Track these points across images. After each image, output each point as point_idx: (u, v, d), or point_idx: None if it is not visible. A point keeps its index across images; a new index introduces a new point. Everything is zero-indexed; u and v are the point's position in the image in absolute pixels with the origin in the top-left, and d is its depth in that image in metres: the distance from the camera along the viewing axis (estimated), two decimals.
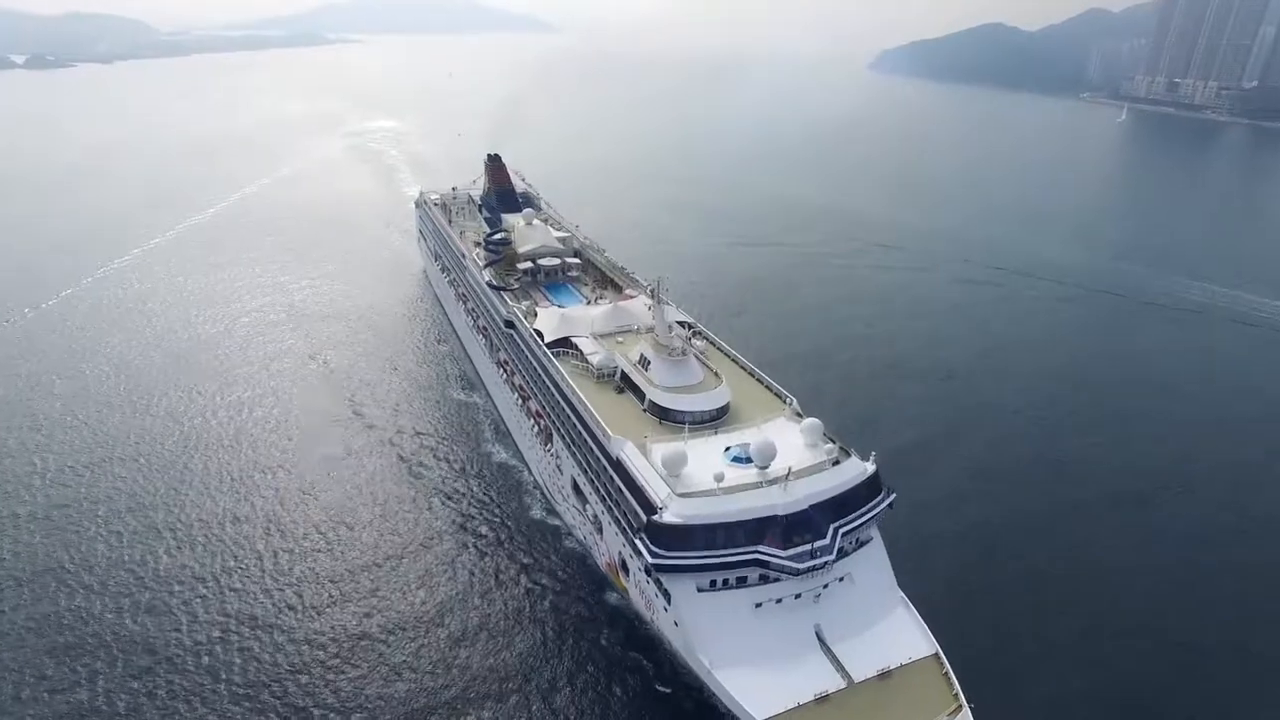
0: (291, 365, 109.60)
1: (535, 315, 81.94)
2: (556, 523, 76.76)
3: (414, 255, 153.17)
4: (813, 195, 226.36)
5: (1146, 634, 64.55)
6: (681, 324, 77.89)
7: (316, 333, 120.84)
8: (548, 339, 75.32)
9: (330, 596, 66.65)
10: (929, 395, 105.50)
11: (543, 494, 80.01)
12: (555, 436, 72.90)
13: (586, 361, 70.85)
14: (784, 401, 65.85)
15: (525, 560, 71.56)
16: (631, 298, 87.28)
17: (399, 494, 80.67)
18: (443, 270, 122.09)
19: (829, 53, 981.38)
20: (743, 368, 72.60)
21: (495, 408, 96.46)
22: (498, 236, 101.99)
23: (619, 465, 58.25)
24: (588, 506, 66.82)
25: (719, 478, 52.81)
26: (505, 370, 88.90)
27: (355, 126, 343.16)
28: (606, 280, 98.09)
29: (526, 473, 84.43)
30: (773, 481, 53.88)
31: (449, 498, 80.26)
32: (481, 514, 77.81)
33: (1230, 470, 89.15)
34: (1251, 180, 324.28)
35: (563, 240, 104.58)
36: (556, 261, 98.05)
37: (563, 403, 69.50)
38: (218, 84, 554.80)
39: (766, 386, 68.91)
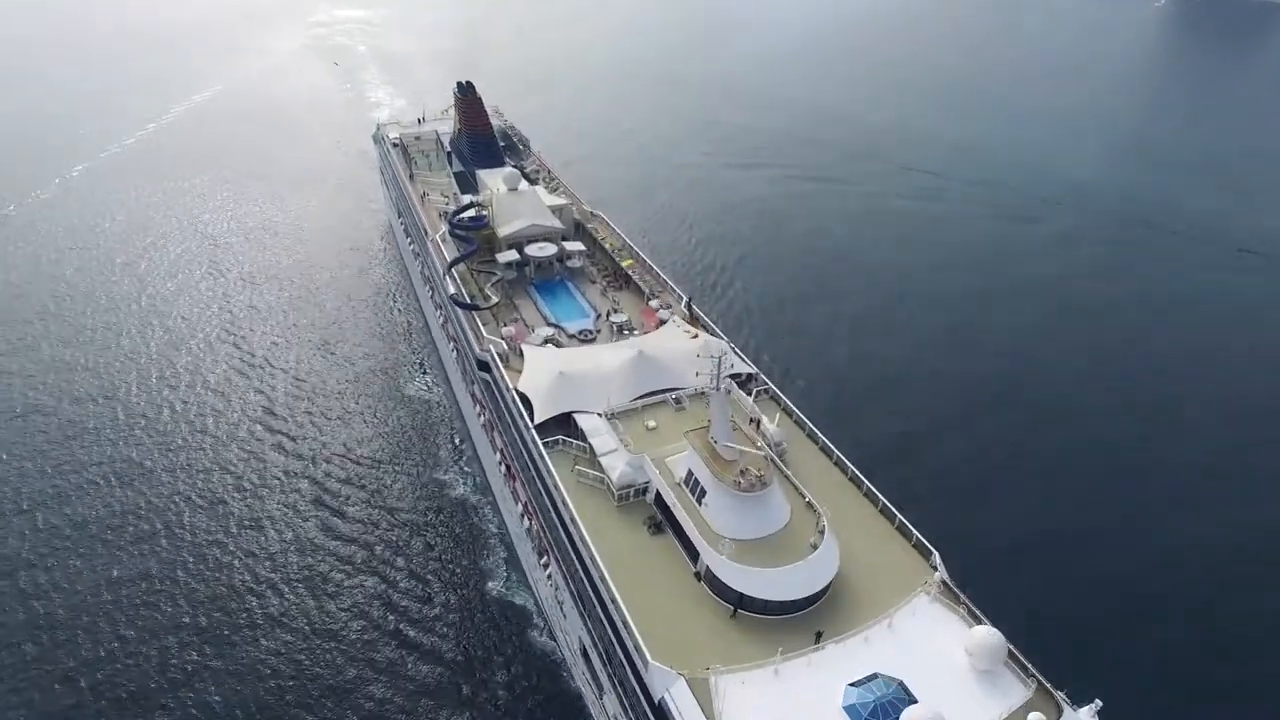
0: (196, 348, 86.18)
1: (520, 355, 56.23)
2: (523, 602, 57.23)
3: (377, 190, 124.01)
4: (855, 110, 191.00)
5: None
6: (738, 379, 52.48)
7: (239, 299, 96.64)
8: (539, 415, 49.74)
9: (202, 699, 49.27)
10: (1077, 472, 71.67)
11: (507, 551, 61.35)
12: (555, 568, 48.87)
13: (601, 469, 45.60)
14: (923, 556, 41.17)
15: (480, 661, 52.91)
16: (660, 318, 61.12)
17: (308, 554, 61.06)
18: (406, 234, 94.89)
19: None
20: (837, 464, 47.50)
21: (460, 416, 74.65)
22: (469, 214, 74.35)
23: (663, 716, 34.28)
24: (605, 698, 43.49)
25: None
26: (481, 410, 63.91)
27: (323, 16, 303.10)
28: (620, 275, 71.46)
29: (490, 519, 64.64)
30: None
31: (376, 570, 59.83)
32: (422, 586, 58.68)
33: None
34: None
35: (559, 210, 77.29)
36: (551, 250, 71.03)
37: (566, 541, 44.96)
38: None
39: (883, 511, 44.04)
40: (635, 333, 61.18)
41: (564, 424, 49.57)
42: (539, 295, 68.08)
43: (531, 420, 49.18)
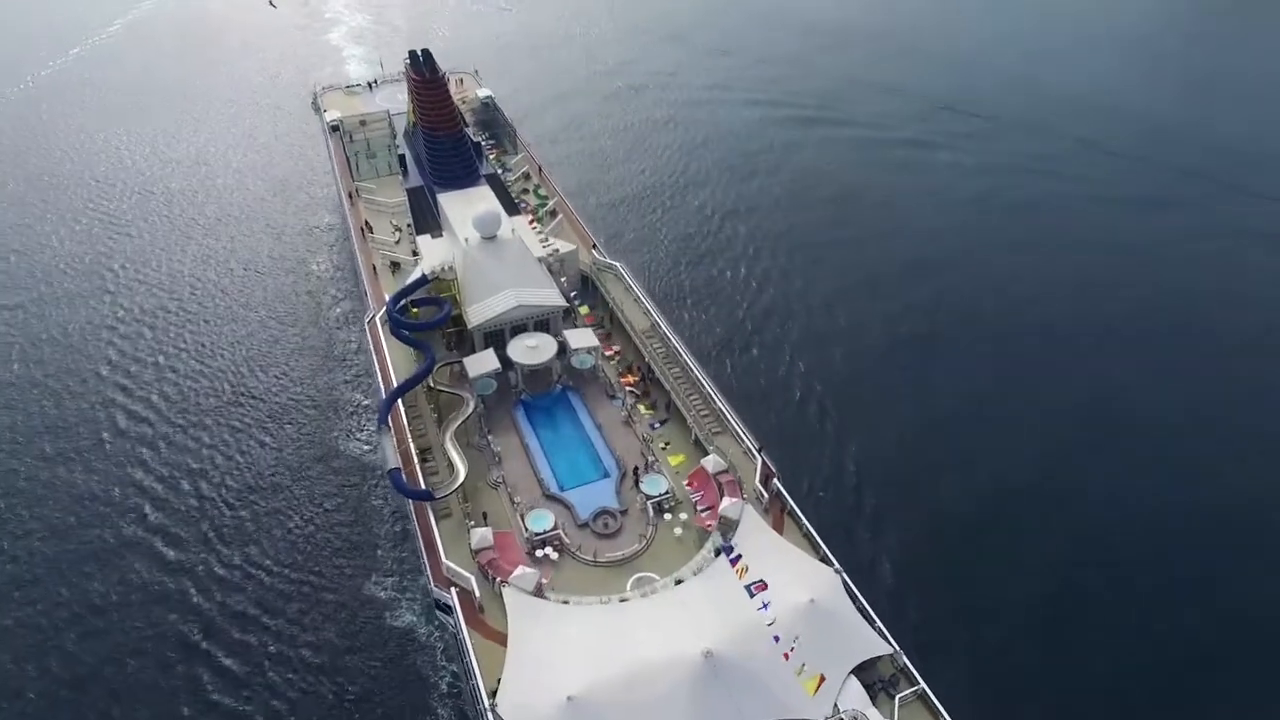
0: (51, 406, 61.72)
1: (498, 594, 34.35)
2: None
3: (323, 150, 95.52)
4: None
5: None
6: (861, 670, 31.06)
7: (126, 301, 72.09)
8: None
9: None
10: None
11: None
12: None
13: None
14: None
15: None
16: (724, 511, 38.10)
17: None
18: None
19: None
20: None
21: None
22: (422, 291, 49.68)
23: None
24: None
25: None
26: None
27: None
28: (650, 379, 48.33)
29: (443, 668, 42.70)
30: None
31: None
32: None
33: None
34: None
35: (561, 265, 53.42)
36: (549, 351, 47.08)
37: None
38: None
39: None
40: (682, 519, 39.10)
41: None
42: (531, 429, 45.15)
43: None
